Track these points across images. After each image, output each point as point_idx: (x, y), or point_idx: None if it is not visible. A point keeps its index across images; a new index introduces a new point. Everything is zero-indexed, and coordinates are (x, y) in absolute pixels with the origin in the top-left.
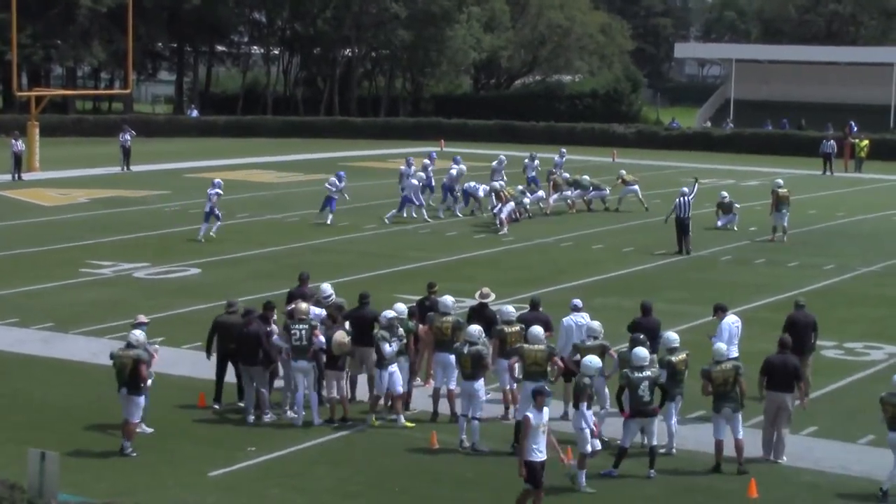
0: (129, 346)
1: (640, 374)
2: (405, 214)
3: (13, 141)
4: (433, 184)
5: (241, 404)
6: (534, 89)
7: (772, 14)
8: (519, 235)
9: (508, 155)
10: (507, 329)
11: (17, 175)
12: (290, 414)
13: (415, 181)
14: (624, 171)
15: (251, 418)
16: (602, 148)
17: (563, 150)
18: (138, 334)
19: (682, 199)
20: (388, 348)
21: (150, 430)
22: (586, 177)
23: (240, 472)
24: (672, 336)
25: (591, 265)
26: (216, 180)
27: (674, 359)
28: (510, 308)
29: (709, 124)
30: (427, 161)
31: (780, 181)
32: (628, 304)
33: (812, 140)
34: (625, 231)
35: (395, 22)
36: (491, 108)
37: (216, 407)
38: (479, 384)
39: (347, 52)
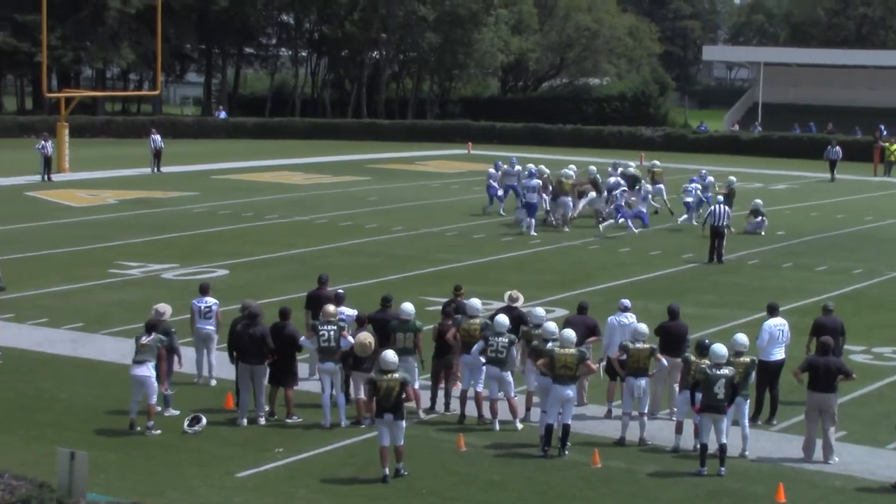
0: (384, 371)
1: (718, 372)
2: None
3: (42, 142)
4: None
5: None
6: (561, 92)
7: (801, 17)
8: (546, 239)
9: (535, 158)
10: (535, 331)
11: (46, 176)
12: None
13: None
14: (657, 162)
15: (244, 422)
16: (629, 151)
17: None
18: (392, 355)
19: (717, 207)
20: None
21: (176, 412)
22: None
23: (267, 472)
24: (741, 339)
25: (618, 268)
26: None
27: (733, 360)
28: (540, 311)
29: (737, 127)
30: (493, 171)
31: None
32: (655, 308)
33: (841, 144)
34: (652, 235)
35: (423, 24)
36: (518, 111)
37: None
38: (508, 372)
39: (375, 54)
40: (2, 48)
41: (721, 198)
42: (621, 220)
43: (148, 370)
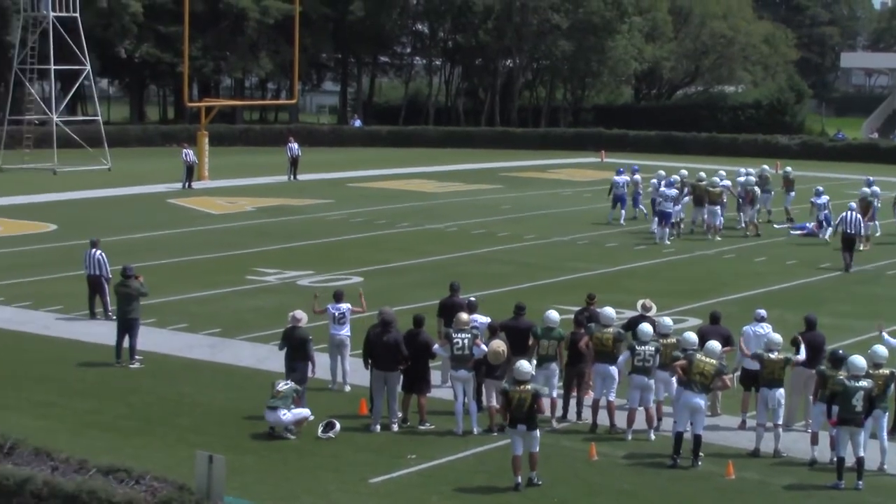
0: (517, 381)
1: (856, 384)
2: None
3: (185, 151)
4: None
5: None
6: (696, 100)
7: None
8: (679, 248)
9: (669, 166)
10: (662, 341)
11: (188, 184)
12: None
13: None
14: (790, 169)
15: (377, 428)
16: (765, 159)
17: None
18: (527, 366)
19: (849, 214)
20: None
21: (311, 417)
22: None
23: (400, 479)
24: (880, 351)
25: (753, 277)
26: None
27: (872, 372)
28: (668, 321)
29: (876, 135)
30: (625, 178)
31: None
32: (791, 318)
33: None
34: (788, 243)
35: (557, 32)
36: (652, 119)
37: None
38: (652, 381)
39: (508, 62)
40: (145, 59)
41: (853, 205)
42: (804, 230)
43: (278, 417)
